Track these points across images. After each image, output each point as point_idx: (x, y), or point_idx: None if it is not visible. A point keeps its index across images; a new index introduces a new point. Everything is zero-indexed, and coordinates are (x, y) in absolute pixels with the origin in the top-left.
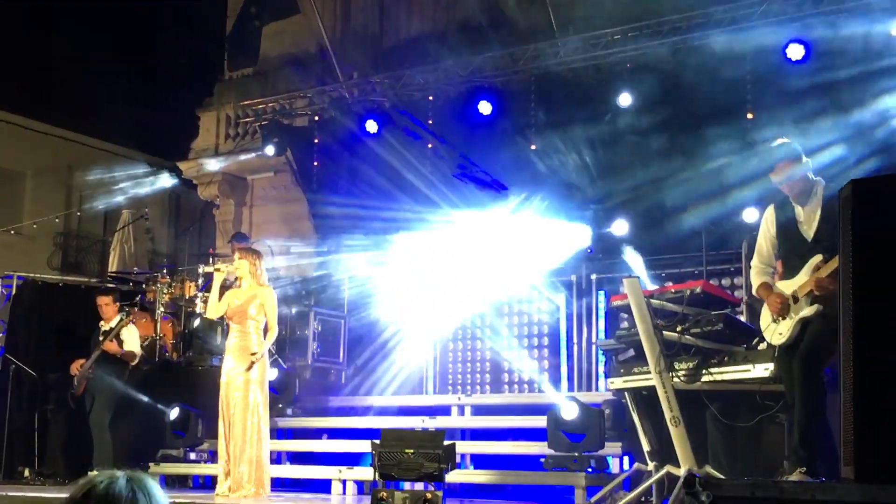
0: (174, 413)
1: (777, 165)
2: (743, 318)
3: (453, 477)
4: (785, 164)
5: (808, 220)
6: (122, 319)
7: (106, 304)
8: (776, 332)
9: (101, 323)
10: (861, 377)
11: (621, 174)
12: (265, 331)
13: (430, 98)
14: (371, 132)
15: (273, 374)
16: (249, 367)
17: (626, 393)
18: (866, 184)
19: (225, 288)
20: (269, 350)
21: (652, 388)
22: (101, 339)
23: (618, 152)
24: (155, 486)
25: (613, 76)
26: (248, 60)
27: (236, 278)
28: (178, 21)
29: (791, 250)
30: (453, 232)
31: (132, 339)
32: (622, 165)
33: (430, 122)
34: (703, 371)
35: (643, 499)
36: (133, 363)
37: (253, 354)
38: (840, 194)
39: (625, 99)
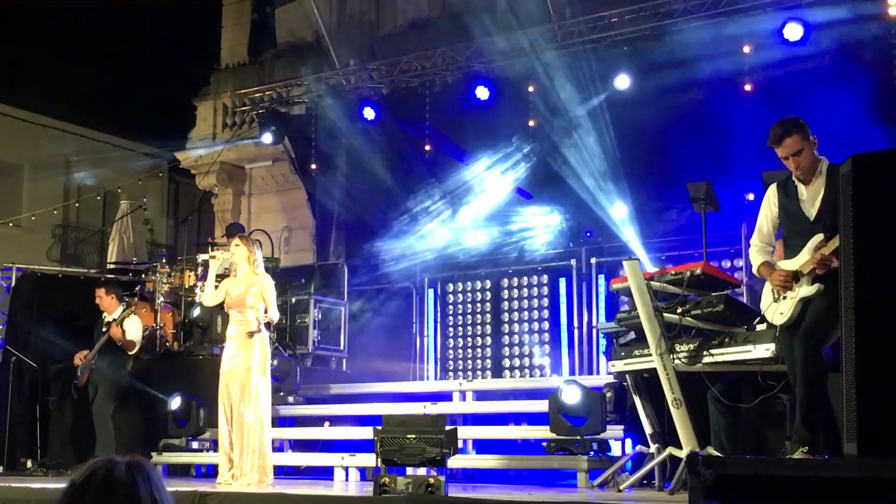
0: (175, 402)
1: (785, 140)
2: (744, 300)
3: (455, 462)
4: (793, 140)
5: (812, 199)
6: (124, 310)
7: (99, 296)
8: (777, 311)
9: (104, 315)
10: (863, 353)
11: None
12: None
13: (427, 84)
14: (368, 119)
15: (274, 362)
16: (250, 335)
17: (627, 376)
18: (867, 159)
19: (222, 276)
20: (270, 338)
21: (653, 371)
22: (104, 329)
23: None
24: (154, 472)
25: (611, 57)
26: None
27: (234, 266)
28: (173, 10)
29: (792, 229)
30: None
31: (134, 329)
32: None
33: (428, 108)
34: (705, 352)
35: (645, 481)
36: (132, 352)
37: (251, 333)
38: (840, 170)
39: (622, 81)
